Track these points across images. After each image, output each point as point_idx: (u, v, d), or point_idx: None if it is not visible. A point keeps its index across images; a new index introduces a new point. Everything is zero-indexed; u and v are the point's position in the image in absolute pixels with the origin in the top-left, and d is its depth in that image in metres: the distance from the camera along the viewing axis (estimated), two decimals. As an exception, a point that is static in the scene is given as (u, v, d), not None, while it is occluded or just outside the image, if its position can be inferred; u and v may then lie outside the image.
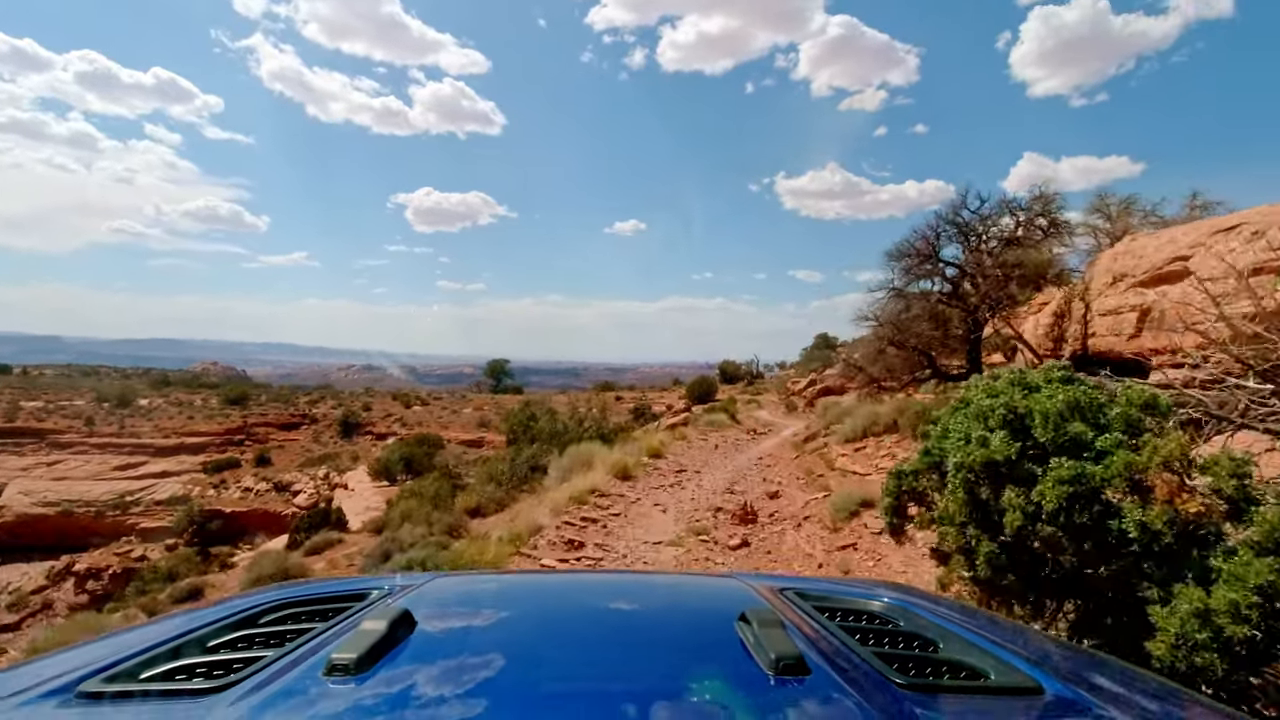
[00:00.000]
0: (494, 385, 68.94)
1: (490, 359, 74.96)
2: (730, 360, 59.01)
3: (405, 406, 58.76)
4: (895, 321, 12.48)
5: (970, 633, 1.18)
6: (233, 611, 1.26)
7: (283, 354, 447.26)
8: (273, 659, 0.97)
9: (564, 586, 1.66)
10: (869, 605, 1.35)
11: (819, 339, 54.87)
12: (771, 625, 1.02)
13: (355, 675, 0.87)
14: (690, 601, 1.47)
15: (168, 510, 45.11)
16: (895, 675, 0.94)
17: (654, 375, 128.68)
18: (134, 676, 0.94)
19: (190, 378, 74.65)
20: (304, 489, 47.30)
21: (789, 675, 0.88)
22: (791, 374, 49.33)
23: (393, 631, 1.00)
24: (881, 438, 11.67)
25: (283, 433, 56.02)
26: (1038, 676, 0.98)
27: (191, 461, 50.26)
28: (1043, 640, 1.31)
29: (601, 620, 1.28)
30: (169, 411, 55.83)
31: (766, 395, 44.08)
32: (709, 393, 44.78)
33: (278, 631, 1.14)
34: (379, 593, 1.39)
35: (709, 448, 17.37)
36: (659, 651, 1.09)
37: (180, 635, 1.12)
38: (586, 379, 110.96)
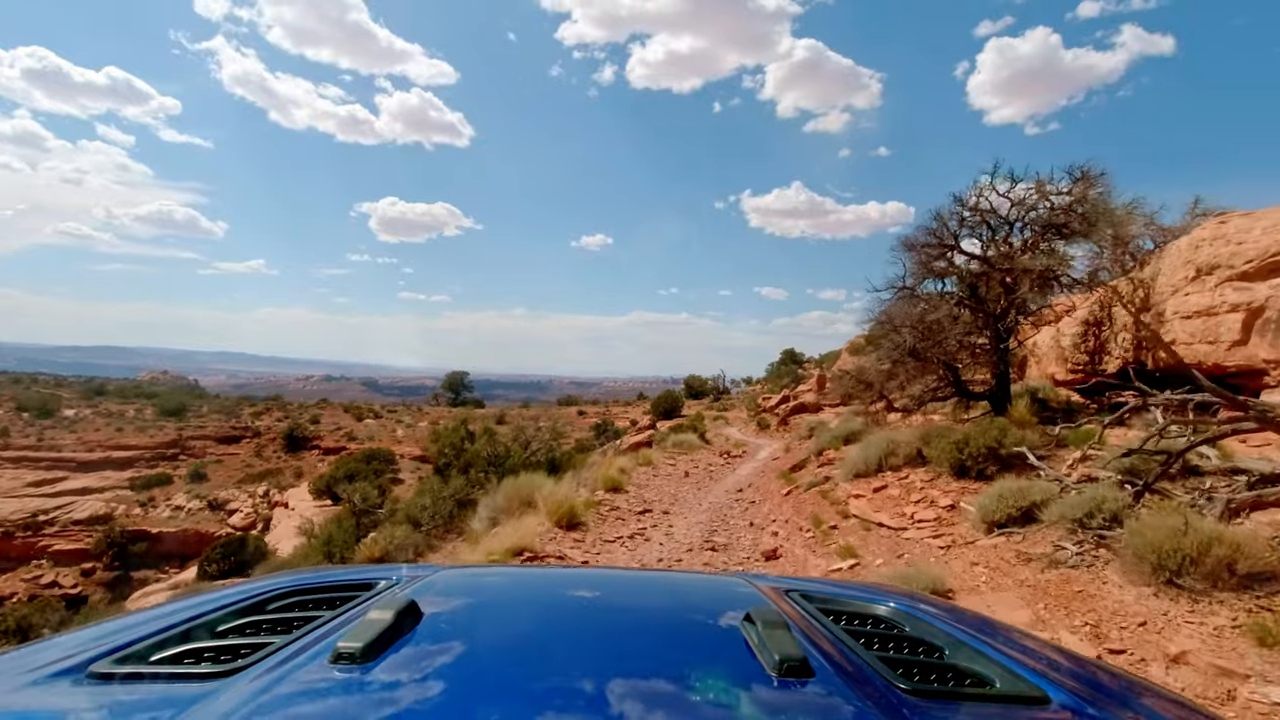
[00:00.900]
0: (453, 398, 65.24)
1: (463, 371, 71.30)
2: (696, 375, 56.34)
3: (357, 420, 54.71)
4: (920, 325, 9.72)
5: (976, 640, 1.14)
6: (242, 597, 1.25)
7: (238, 363, 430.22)
8: (280, 645, 0.96)
9: (571, 581, 1.53)
10: (875, 609, 1.31)
11: (785, 354, 52.85)
12: (776, 626, 0.99)
13: (361, 664, 0.86)
14: (696, 600, 1.41)
15: (86, 531, 40.21)
16: (899, 680, 0.92)
17: (619, 389, 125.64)
18: (144, 658, 0.94)
19: (129, 387, 69.08)
20: (241, 508, 43.14)
21: (792, 677, 0.86)
22: (759, 390, 46.93)
23: (399, 622, 0.97)
24: (904, 472, 8.87)
25: (222, 446, 51.42)
26: (1044, 686, 0.94)
27: (117, 477, 45.46)
28: (1050, 649, 1.24)
29: (607, 616, 1.24)
30: (96, 423, 50.76)
31: (734, 411, 41.65)
32: (674, 408, 42.40)
33: (285, 618, 1.12)
34: (386, 583, 1.36)
35: (678, 475, 14.42)
36: (663, 649, 1.06)
37: (190, 619, 1.10)
38: (551, 393, 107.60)
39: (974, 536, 6.33)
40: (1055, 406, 11.22)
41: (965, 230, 10.87)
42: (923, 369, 10.20)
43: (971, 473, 7.88)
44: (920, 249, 10.57)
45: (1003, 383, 10.83)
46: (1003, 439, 7.84)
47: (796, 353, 52.73)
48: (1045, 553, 5.35)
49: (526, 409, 62.98)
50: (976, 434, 8.00)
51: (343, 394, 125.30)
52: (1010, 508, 6.11)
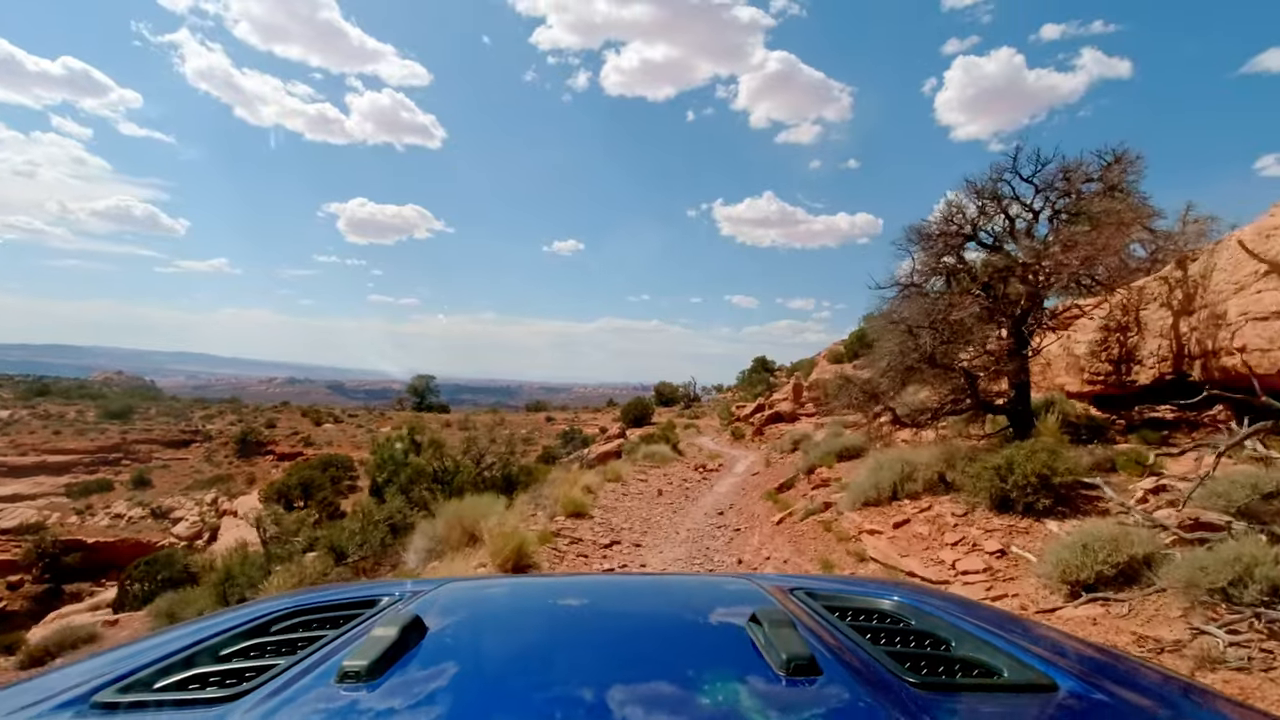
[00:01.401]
0: (418, 403, 62.61)
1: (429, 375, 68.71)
2: (667, 382, 54.77)
3: (315, 424, 51.90)
4: (943, 326, 8.12)
5: (982, 630, 1.12)
6: (245, 619, 1.21)
7: (198, 364, 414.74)
8: (285, 667, 0.94)
9: (575, 590, 1.55)
10: (880, 604, 1.30)
11: (757, 362, 51.60)
12: (782, 625, 0.98)
13: (367, 682, 0.84)
14: (701, 602, 1.38)
15: (15, 541, 36.87)
16: (908, 674, 0.90)
17: (589, 395, 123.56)
18: (148, 686, 0.92)
19: (75, 388, 64.95)
20: (187, 516, 40.12)
21: (800, 675, 0.84)
22: (732, 397, 45.51)
23: (404, 638, 0.96)
24: (925, 502, 7.25)
25: (170, 451, 48.19)
26: (1051, 673, 0.93)
27: (52, 483, 42.14)
28: (1056, 636, 1.22)
29: (612, 623, 1.23)
30: (32, 425, 47.14)
31: (706, 419, 40.09)
32: (644, 415, 40.82)
33: (289, 639, 1.10)
34: (390, 599, 1.34)
35: (650, 494, 12.67)
36: (670, 653, 1.04)
37: (193, 644, 1.08)
38: (521, 398, 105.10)
39: (1049, 599, 4.68)
40: (1075, 422, 9.72)
41: (983, 220, 9.34)
42: (940, 377, 8.61)
43: (1017, 506, 6.27)
44: (936, 238, 8.99)
45: (1023, 395, 9.30)
46: (1054, 464, 6.25)
47: (768, 360, 51.53)
48: (1180, 639, 3.71)
49: (494, 414, 60.64)
50: (1021, 458, 6.39)
51: (307, 397, 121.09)
52: (1102, 563, 4.47)
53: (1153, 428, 9.11)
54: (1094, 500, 6.30)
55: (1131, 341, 10.03)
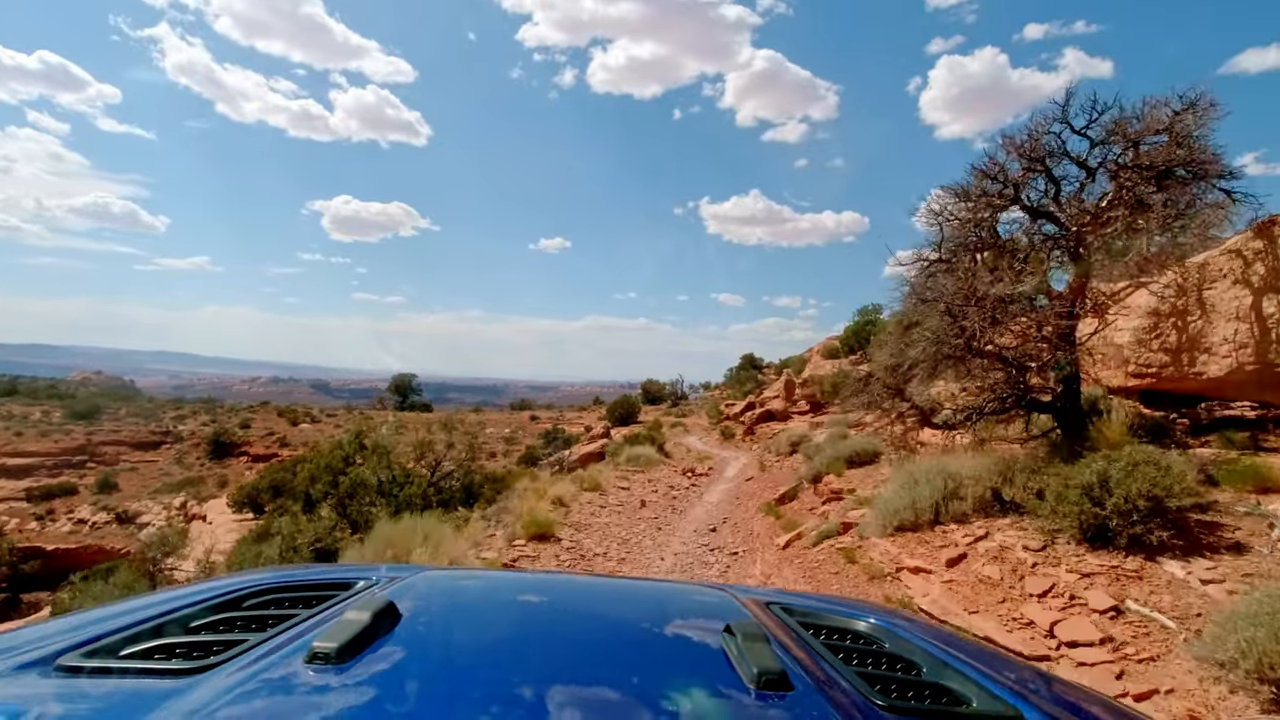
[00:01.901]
0: (400, 402, 60.50)
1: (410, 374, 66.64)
2: (654, 380, 53.04)
3: (292, 424, 49.74)
4: (991, 307, 6.38)
5: (954, 659, 1.10)
6: (217, 592, 1.19)
7: (180, 364, 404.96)
8: (254, 643, 0.92)
9: (551, 588, 1.51)
10: (855, 625, 1.28)
11: (745, 359, 50.06)
12: (756, 639, 0.95)
13: (336, 664, 0.82)
14: (677, 610, 1.34)
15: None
16: (877, 696, 0.90)
17: (575, 394, 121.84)
18: (114, 653, 0.90)
19: (44, 387, 62.16)
20: (154, 521, 37.87)
21: (770, 690, 0.82)
22: (720, 395, 43.90)
23: (376, 623, 0.93)
24: (978, 526, 5.54)
25: (138, 453, 45.77)
26: (1019, 705, 0.92)
27: (11, 487, 39.68)
28: (1027, 671, 1.21)
29: (586, 623, 1.21)
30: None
31: (694, 418, 38.41)
32: (630, 414, 39.14)
33: (261, 616, 1.07)
34: (365, 583, 1.30)
35: (632, 505, 10.93)
36: (643, 657, 1.03)
37: (163, 614, 1.05)
38: (508, 397, 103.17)
39: (1231, 703, 2.98)
40: (1125, 422, 8.10)
41: (1029, 179, 7.64)
42: (985, 368, 6.89)
43: (1118, 539, 4.56)
44: (979, 200, 7.28)
45: (1072, 390, 7.62)
46: (1165, 481, 4.55)
47: (756, 358, 49.99)
48: None
49: (476, 413, 58.72)
50: (1119, 472, 4.68)
51: (291, 396, 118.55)
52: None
53: (1232, 427, 7.48)
54: (1215, 529, 4.62)
55: (1194, 327, 8.40)
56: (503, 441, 45.92)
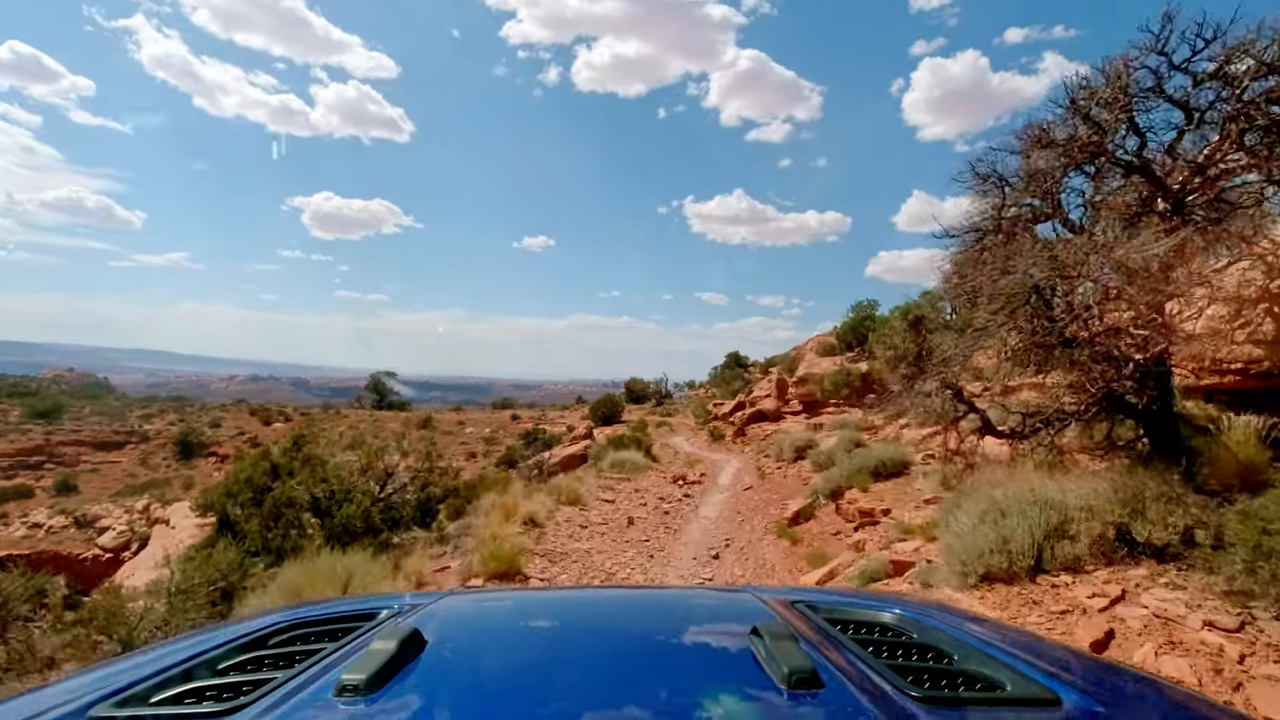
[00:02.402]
0: (378, 400, 58.22)
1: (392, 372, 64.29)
2: (638, 378, 51.33)
3: (264, 424, 47.35)
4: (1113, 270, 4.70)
5: (985, 644, 1.07)
6: (242, 633, 1.17)
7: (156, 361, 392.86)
8: (283, 680, 0.91)
9: (576, 603, 1.50)
10: (881, 617, 1.23)
11: (730, 357, 48.54)
12: (784, 638, 0.93)
13: (365, 695, 0.80)
14: (702, 616, 1.33)
15: (-88, 556, 31.55)
16: (910, 687, 0.86)
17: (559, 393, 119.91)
18: (145, 700, 0.89)
19: (8, 386, 58.96)
20: (115, 525, 35.32)
21: (802, 689, 0.80)
22: (706, 394, 42.28)
23: (402, 651, 0.91)
24: (1105, 579, 3.90)
25: (100, 453, 43.13)
26: (1055, 687, 0.89)
27: (-39, 491, 37.06)
28: (1060, 650, 1.17)
29: (613, 637, 1.18)
30: (-57, 426, 41.76)
31: (679, 417, 36.77)
32: (614, 414, 37.40)
33: (287, 653, 1.06)
34: (389, 612, 1.29)
35: (617, 523, 9.21)
36: (672, 667, 1.00)
37: (191, 658, 1.04)
38: (491, 396, 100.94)
39: None
40: (1201, 426, 6.52)
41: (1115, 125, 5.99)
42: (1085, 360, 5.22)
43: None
44: (1066, 146, 5.60)
45: (1165, 391, 6.01)
46: None
47: (741, 356, 48.50)
48: None
49: (457, 412, 56.59)
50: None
51: (270, 394, 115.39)
52: None
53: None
54: None
55: (1298, 314, 6.84)
56: (483, 442, 43.96)
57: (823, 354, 21.32)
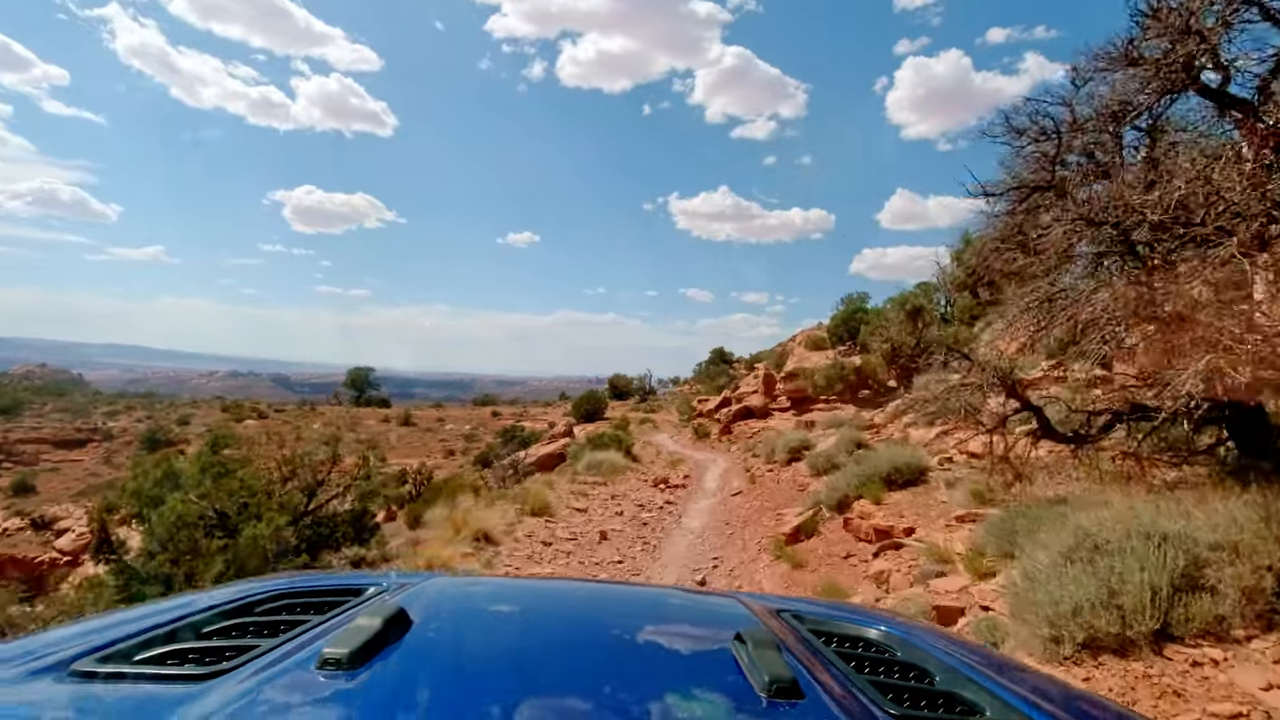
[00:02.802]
0: (356, 397, 56.36)
1: (375, 368, 62.38)
2: (621, 374, 49.99)
3: (236, 420, 45.40)
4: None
5: (968, 667, 1.04)
6: (230, 599, 1.15)
7: (132, 357, 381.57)
8: (266, 649, 0.89)
9: (563, 594, 1.49)
10: (867, 633, 1.21)
11: (715, 353, 47.36)
12: (767, 647, 0.90)
13: (347, 670, 0.79)
14: (688, 618, 1.32)
15: None
16: (889, 705, 0.85)
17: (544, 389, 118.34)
18: (128, 658, 0.87)
19: (-31, 381, 56.28)
20: (74, 526, 33.40)
21: (782, 698, 0.79)
22: (691, 390, 41.04)
23: (387, 629, 0.89)
24: (1262, 652, 2.67)
25: (61, 451, 40.97)
26: (1033, 715, 0.88)
27: (-92, 492, 34.89)
28: (1042, 679, 1.15)
29: (597, 630, 1.16)
30: (-107, 425, 39.36)
31: (663, 413, 35.48)
32: (597, 410, 36.08)
33: (273, 621, 1.04)
34: (376, 589, 1.26)
35: (590, 538, 7.84)
36: (653, 666, 0.99)
37: (176, 619, 1.03)
38: (475, 392, 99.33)
39: None
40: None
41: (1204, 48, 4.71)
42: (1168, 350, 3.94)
43: None
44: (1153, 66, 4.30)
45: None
46: None
47: (726, 352, 47.33)
48: None
49: (437, 409, 54.88)
50: None
51: (250, 390, 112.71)
52: None
53: None
54: None
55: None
56: (462, 439, 42.37)
57: (812, 348, 20.07)
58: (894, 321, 14.56)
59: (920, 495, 6.72)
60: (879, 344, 14.72)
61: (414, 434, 44.84)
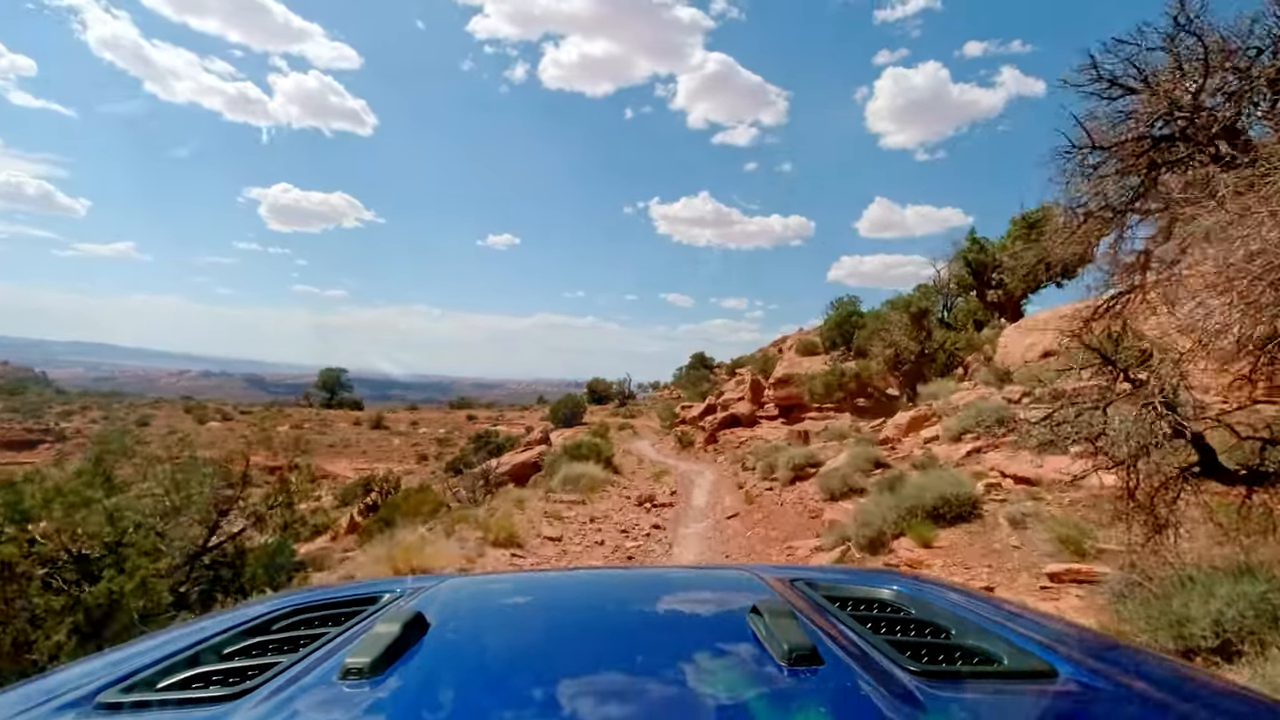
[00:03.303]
0: (327, 399, 54.06)
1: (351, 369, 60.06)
2: (600, 378, 48.45)
3: (199, 422, 42.98)
4: None
5: (982, 619, 1.03)
6: (247, 618, 1.11)
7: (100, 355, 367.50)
8: (288, 664, 0.85)
9: (577, 584, 1.46)
10: (880, 594, 1.18)
11: (695, 358, 46.07)
12: (783, 616, 0.89)
13: (370, 678, 0.77)
14: (703, 595, 1.27)
15: None
16: (908, 662, 0.83)
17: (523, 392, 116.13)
18: (151, 685, 0.84)
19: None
20: (17, 534, 30.76)
21: (802, 665, 0.77)
22: (671, 395, 39.66)
23: (406, 634, 0.86)
24: None
25: (9, 453, 38.10)
26: (1051, 660, 0.85)
27: None
28: (1056, 624, 1.12)
29: (615, 616, 1.12)
30: None
31: (643, 419, 34.01)
32: (576, 414, 34.54)
33: (292, 637, 1.00)
34: (391, 595, 1.21)
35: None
36: (673, 645, 0.94)
37: (196, 643, 0.98)
38: (453, 394, 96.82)
39: None
40: None
41: None
42: None
43: None
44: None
45: None
46: None
47: (707, 357, 46.05)
48: None
49: (411, 411, 52.77)
50: None
51: (223, 391, 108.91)
52: None
53: None
54: None
55: None
56: (435, 443, 40.41)
57: (804, 353, 18.73)
58: (897, 325, 13.24)
59: (978, 535, 5.29)
60: (881, 349, 13.39)
61: (386, 438, 42.77)
